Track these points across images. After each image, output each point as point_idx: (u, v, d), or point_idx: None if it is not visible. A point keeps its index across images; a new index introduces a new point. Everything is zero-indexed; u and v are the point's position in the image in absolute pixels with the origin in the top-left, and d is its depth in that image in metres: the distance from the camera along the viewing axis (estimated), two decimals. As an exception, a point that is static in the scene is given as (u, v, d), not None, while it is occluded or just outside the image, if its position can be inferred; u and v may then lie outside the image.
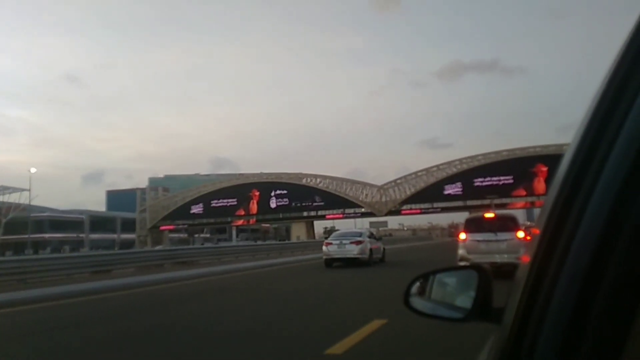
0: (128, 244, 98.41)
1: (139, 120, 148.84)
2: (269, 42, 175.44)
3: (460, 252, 12.49)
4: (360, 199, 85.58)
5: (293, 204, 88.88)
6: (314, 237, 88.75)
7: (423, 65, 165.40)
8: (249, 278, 16.91)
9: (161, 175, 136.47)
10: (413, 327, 5.87)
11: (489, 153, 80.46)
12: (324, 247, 20.66)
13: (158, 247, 46.67)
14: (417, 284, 1.57)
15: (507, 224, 12.36)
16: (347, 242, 19.63)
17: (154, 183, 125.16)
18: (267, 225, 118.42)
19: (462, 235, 13.15)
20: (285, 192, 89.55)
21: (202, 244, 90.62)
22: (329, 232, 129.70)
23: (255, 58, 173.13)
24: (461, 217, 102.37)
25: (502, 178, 77.35)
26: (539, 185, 72.83)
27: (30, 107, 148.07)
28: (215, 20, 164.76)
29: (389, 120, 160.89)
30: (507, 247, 11.68)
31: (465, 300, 1.24)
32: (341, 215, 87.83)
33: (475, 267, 1.26)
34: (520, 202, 76.75)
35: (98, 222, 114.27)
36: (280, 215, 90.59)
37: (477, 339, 1.63)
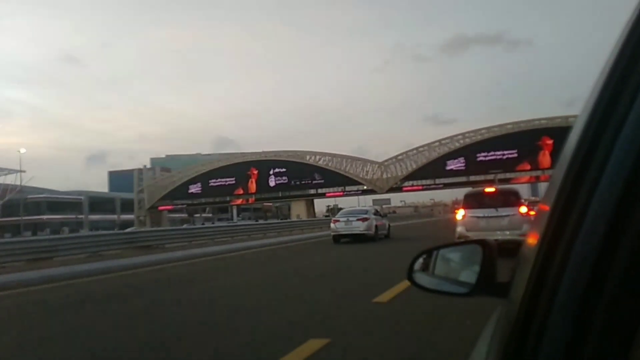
0: (128, 225, 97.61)
1: (140, 100, 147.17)
2: (270, 19, 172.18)
3: (459, 229, 11.85)
4: (361, 176, 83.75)
5: (292, 182, 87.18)
6: (314, 215, 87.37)
7: (427, 39, 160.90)
8: (223, 263, 15.13)
9: (163, 156, 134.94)
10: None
11: (493, 126, 78.12)
12: (332, 225, 21.76)
13: (130, 229, 44.02)
14: (421, 260, 1.56)
15: (509, 198, 11.81)
16: (354, 219, 20.75)
17: (156, 163, 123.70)
18: (269, 204, 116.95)
19: (461, 212, 12.44)
20: (284, 170, 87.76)
21: (203, 224, 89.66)
22: (331, 210, 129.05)
23: (256, 35, 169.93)
24: (464, 193, 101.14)
25: (506, 152, 75.18)
26: (544, 158, 70.69)
27: (29, 88, 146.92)
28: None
29: (393, 96, 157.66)
30: (509, 223, 11.07)
31: (469, 275, 1.24)
32: (341, 193, 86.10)
33: (480, 241, 1.25)
34: (525, 177, 74.75)
35: (98, 203, 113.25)
36: (280, 194, 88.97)
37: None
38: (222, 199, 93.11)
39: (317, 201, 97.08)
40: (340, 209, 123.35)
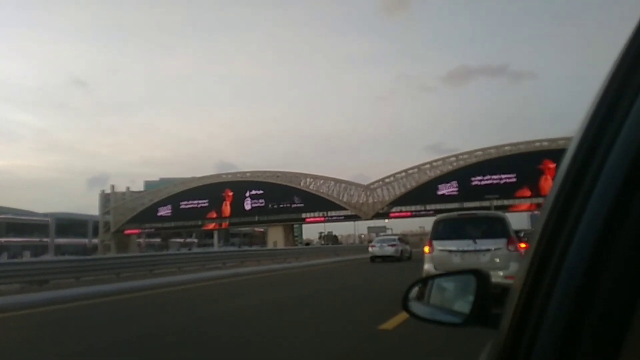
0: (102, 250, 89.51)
1: (145, 125, 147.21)
2: (275, 47, 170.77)
3: (426, 267, 9.19)
4: (345, 199, 76.21)
5: (270, 205, 79.53)
6: (293, 242, 79.43)
7: (430, 70, 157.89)
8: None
9: (157, 179, 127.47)
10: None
11: (489, 148, 71.01)
12: (370, 248, 30.19)
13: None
14: (416, 288, 1.57)
15: (493, 227, 8.80)
16: (386, 245, 29.17)
17: (150, 186, 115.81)
18: (261, 229, 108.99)
19: (427, 247, 9.46)
20: (261, 192, 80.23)
21: (178, 250, 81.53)
22: (326, 237, 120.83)
23: (261, 63, 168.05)
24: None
25: (503, 176, 67.90)
26: (547, 184, 63.11)
27: (35, 111, 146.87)
28: (222, 25, 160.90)
29: (395, 125, 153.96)
30: (492, 260, 8.40)
31: (463, 305, 1.24)
32: (322, 219, 78.40)
33: (474, 271, 1.24)
34: (525, 204, 67.20)
35: (68, 226, 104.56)
36: (256, 218, 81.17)
37: None
38: (194, 223, 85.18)
39: (305, 227, 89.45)
40: (335, 236, 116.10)
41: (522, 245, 8.95)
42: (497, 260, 8.47)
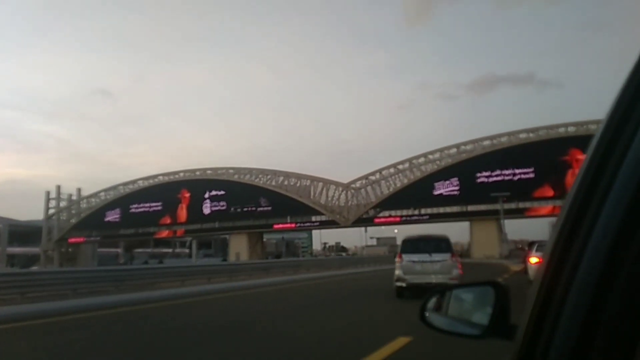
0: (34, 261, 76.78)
1: (165, 135, 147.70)
2: (295, 57, 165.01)
3: (397, 272, 12.34)
4: (322, 202, 61.85)
5: (232, 209, 65.59)
6: (261, 255, 65.21)
7: (453, 78, 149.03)
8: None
9: None
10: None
11: (499, 135, 55.98)
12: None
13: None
14: (434, 299, 1.56)
15: (441, 245, 12.36)
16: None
17: None
18: (264, 239, 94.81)
19: (397, 257, 12.60)
20: (222, 192, 66.37)
21: (146, 263, 67.25)
22: (334, 249, 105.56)
23: (280, 74, 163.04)
24: (461, 228, 76.14)
25: (518, 171, 52.88)
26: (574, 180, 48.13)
27: (59, 122, 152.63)
28: (242, 36, 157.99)
29: (415, 133, 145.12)
30: (441, 267, 11.91)
31: (482, 317, 1.24)
32: (293, 225, 64.18)
33: (492, 283, 1.27)
34: (546, 207, 51.97)
35: (25, 234, 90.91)
36: (217, 224, 67.21)
37: None
38: (145, 230, 71.54)
39: (269, 235, 75.23)
40: (343, 247, 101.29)
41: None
42: (444, 267, 11.87)
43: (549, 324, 0.61)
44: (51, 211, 77.96)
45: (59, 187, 78.68)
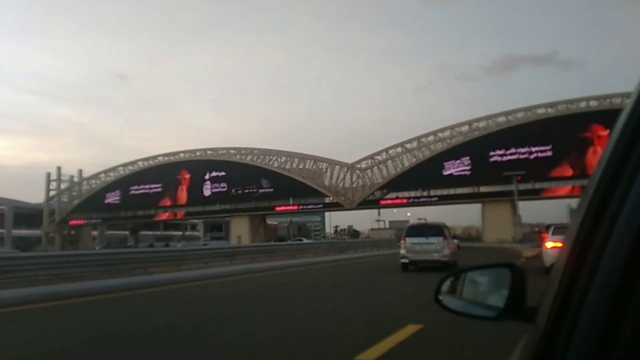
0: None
1: (180, 120, 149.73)
2: (309, 40, 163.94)
3: (402, 251, 15.10)
4: (326, 183, 58.90)
5: (233, 190, 63.07)
6: (264, 238, 62.69)
7: (473, 59, 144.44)
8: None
9: None
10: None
11: (515, 110, 52.16)
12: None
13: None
14: (448, 282, 1.55)
15: (436, 230, 15.24)
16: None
17: None
18: (275, 222, 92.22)
19: (402, 240, 15.61)
20: (223, 174, 63.84)
21: (151, 246, 65.47)
22: (346, 232, 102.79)
23: (295, 57, 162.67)
24: (473, 210, 72.24)
25: (534, 149, 49.13)
26: (596, 159, 43.52)
27: (76, 106, 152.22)
28: (258, 19, 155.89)
29: (433, 117, 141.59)
30: (435, 248, 14.63)
31: (497, 299, 1.23)
32: (296, 208, 61.45)
33: (508, 265, 1.25)
34: (565, 188, 48.26)
35: (30, 216, 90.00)
36: (217, 207, 64.79)
37: None
38: (146, 213, 69.54)
39: (274, 219, 72.71)
40: (356, 230, 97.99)
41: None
42: (438, 247, 14.64)
43: (573, 308, 0.60)
44: (52, 193, 76.48)
45: (59, 169, 77.09)
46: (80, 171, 77.56)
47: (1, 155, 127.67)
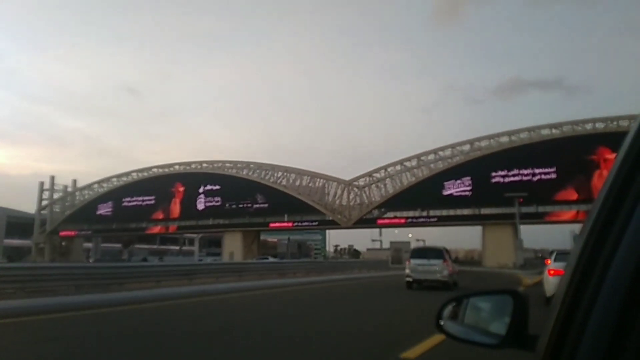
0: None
1: (188, 133, 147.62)
2: (319, 58, 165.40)
3: (407, 271, 17.18)
4: (324, 201, 57.18)
5: (227, 204, 61.39)
6: (258, 253, 60.85)
7: (480, 82, 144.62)
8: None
9: None
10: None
11: (518, 130, 50.57)
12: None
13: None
14: (450, 307, 1.54)
15: (437, 253, 17.25)
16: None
17: None
18: (275, 239, 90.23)
19: (407, 262, 17.75)
20: (217, 187, 62.25)
21: (145, 260, 63.56)
22: (353, 252, 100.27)
23: (303, 74, 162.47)
24: (475, 233, 69.95)
25: (538, 171, 47.41)
26: (601, 182, 42.14)
27: (86, 118, 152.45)
28: (267, 33, 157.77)
29: (438, 138, 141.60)
30: (435, 269, 16.59)
31: (499, 326, 1.23)
32: (290, 224, 59.57)
33: (510, 292, 1.25)
34: (569, 212, 46.36)
35: (25, 225, 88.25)
36: (210, 221, 63.02)
37: None
38: (138, 225, 67.86)
39: (264, 235, 70.76)
40: (357, 250, 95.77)
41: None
42: (438, 269, 16.59)
43: (573, 337, 0.58)
44: (45, 202, 74.96)
45: (52, 178, 75.69)
46: (75, 181, 76.10)
47: (8, 165, 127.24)
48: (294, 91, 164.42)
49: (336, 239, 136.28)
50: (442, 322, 1.48)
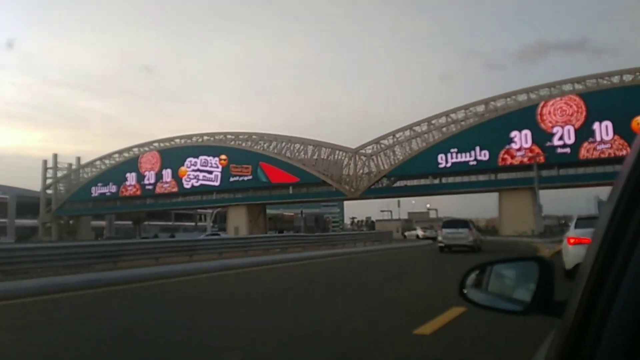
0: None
1: (205, 111, 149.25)
2: (333, 28, 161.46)
3: (439, 238, 21.17)
4: (330, 172, 54.16)
5: (230, 178, 58.88)
6: (264, 229, 58.51)
7: (502, 46, 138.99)
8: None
9: None
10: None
11: (537, 87, 46.33)
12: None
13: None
14: (473, 275, 1.52)
15: (464, 223, 21.18)
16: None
17: None
18: (292, 213, 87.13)
19: (439, 230, 22.16)
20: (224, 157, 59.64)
21: (156, 236, 62.02)
22: (363, 224, 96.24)
23: (319, 46, 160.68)
24: (494, 201, 66.02)
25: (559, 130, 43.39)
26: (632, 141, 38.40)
27: (104, 98, 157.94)
28: (281, 8, 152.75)
29: (458, 104, 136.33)
30: (462, 236, 20.19)
31: (524, 293, 1.22)
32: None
33: (536, 258, 1.24)
34: (593, 174, 42.46)
35: (35, 205, 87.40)
36: (214, 196, 60.71)
37: None
38: (141, 202, 65.98)
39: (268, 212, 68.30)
40: (373, 222, 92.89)
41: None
42: (464, 235, 20.13)
43: (603, 302, 0.58)
44: (49, 181, 73.69)
45: (55, 156, 74.12)
46: (79, 158, 74.50)
47: (32, 147, 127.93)
48: (311, 65, 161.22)
49: (352, 211, 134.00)
50: (465, 291, 1.45)
